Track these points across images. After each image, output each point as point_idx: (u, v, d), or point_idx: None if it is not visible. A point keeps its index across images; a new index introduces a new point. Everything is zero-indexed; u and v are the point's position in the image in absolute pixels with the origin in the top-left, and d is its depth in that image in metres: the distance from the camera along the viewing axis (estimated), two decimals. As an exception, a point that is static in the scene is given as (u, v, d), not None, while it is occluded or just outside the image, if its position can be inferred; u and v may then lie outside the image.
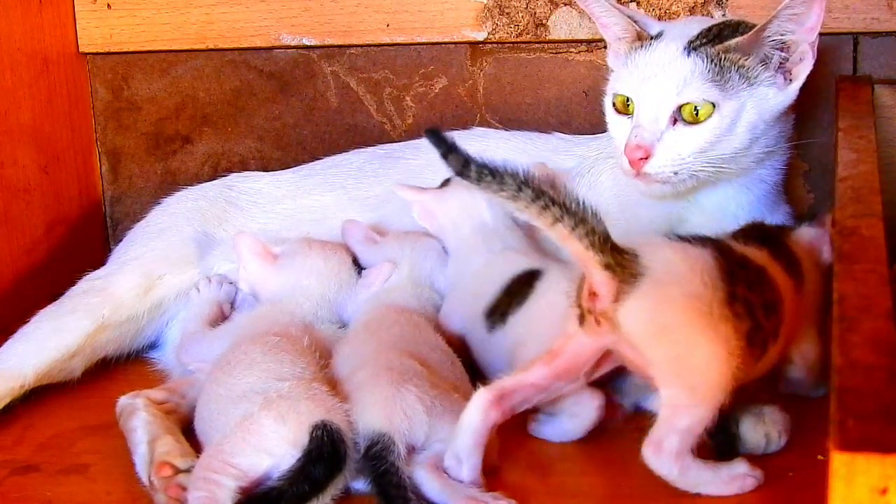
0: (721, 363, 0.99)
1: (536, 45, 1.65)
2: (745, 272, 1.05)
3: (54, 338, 1.34)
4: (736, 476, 1.04)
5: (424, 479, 1.05)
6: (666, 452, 1.00)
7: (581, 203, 0.99)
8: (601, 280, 1.00)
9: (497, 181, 0.97)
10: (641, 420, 1.01)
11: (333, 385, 1.14)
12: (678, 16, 1.58)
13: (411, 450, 1.07)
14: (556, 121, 1.66)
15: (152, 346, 1.45)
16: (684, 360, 0.99)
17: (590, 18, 1.42)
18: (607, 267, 0.99)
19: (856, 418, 0.67)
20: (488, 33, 1.64)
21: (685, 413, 0.99)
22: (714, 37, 1.29)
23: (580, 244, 0.98)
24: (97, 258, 1.57)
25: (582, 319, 1.03)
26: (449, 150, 0.97)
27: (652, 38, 1.32)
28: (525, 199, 0.97)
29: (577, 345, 1.05)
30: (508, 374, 1.08)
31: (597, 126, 1.52)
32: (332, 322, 1.30)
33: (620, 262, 0.99)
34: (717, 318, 1.00)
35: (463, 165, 0.97)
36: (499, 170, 0.97)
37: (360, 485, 1.07)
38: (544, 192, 0.97)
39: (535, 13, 1.62)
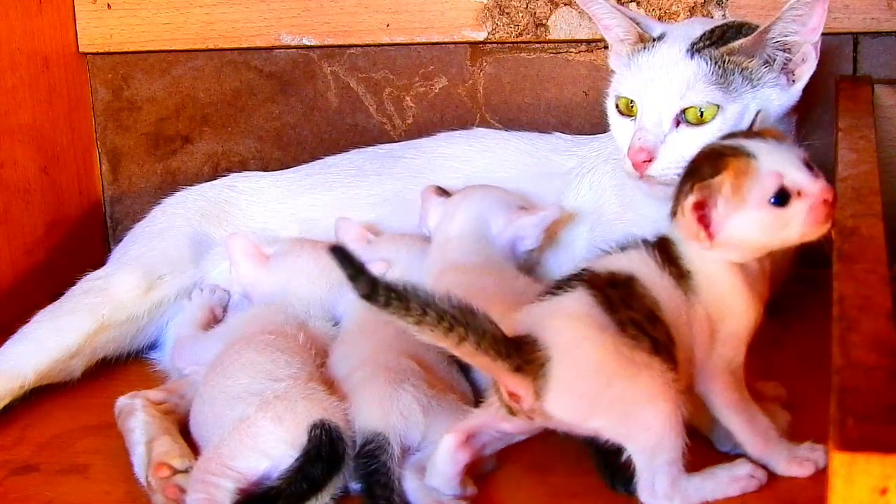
0: (659, 389, 0.98)
1: (536, 45, 1.65)
2: (617, 290, 1.03)
3: (54, 338, 1.34)
4: (738, 477, 1.03)
5: (407, 479, 1.05)
6: (661, 493, 0.99)
7: (479, 314, 0.97)
8: (518, 384, 0.99)
9: (403, 306, 0.93)
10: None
11: (330, 383, 1.14)
12: (678, 16, 1.58)
13: (406, 451, 1.07)
14: (556, 121, 1.66)
15: (152, 346, 1.45)
16: (628, 412, 0.98)
17: (590, 18, 1.42)
18: (518, 369, 0.98)
19: (856, 418, 0.67)
20: (488, 33, 1.64)
21: (657, 451, 0.98)
22: (717, 38, 1.29)
23: (487, 358, 0.97)
24: (97, 258, 1.57)
25: (512, 413, 1.02)
26: (357, 273, 0.93)
27: (654, 39, 1.32)
28: (430, 322, 0.94)
29: (521, 425, 1.05)
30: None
31: (597, 126, 1.52)
32: (326, 320, 1.30)
33: (527, 359, 0.98)
34: (627, 353, 0.99)
35: (371, 289, 0.93)
36: (406, 294, 0.93)
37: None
38: (447, 313, 0.94)
39: (535, 13, 1.62)
